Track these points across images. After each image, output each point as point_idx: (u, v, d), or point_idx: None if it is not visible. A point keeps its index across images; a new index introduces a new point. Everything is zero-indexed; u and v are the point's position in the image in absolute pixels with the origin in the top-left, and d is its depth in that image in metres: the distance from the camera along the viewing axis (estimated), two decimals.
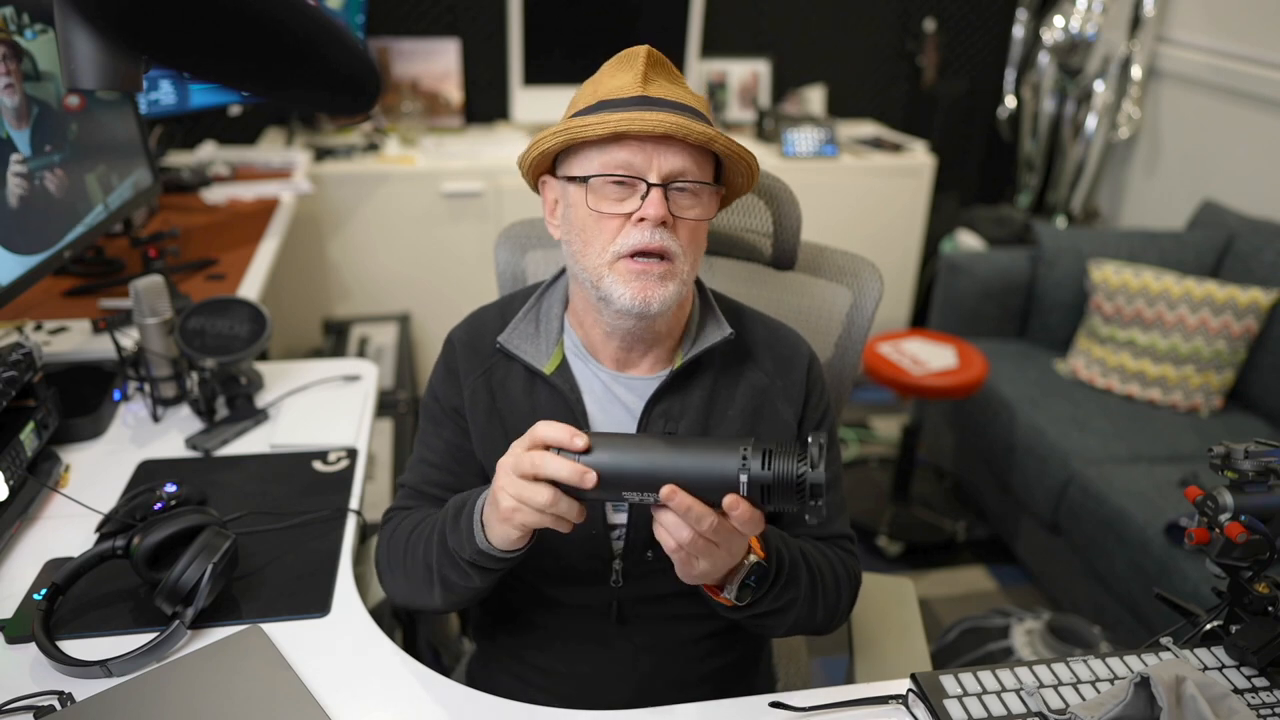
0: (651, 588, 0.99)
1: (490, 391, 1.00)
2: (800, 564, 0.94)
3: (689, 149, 0.89)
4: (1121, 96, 3.14)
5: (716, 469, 0.75)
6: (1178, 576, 1.85)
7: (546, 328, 1.01)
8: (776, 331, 1.07)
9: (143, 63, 1.03)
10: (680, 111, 0.89)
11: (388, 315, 2.87)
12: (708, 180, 0.92)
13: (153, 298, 1.31)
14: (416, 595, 0.97)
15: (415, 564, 0.94)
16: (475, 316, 1.07)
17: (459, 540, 0.87)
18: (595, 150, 0.90)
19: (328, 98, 0.95)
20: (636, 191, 0.89)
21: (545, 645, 1.05)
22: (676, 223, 0.90)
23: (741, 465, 0.74)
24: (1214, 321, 2.35)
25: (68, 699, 0.86)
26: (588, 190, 0.90)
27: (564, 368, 0.99)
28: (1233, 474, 0.93)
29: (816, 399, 1.05)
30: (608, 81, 0.92)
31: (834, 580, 0.99)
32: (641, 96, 0.89)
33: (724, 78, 3.27)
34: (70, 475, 1.22)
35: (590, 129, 0.87)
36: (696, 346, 1.00)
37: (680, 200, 0.90)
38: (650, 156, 0.88)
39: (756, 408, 1.01)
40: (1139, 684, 0.80)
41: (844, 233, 3.04)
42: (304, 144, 2.87)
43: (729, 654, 1.07)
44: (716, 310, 1.03)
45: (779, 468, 0.74)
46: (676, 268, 0.91)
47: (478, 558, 0.86)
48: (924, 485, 2.78)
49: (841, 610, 1.01)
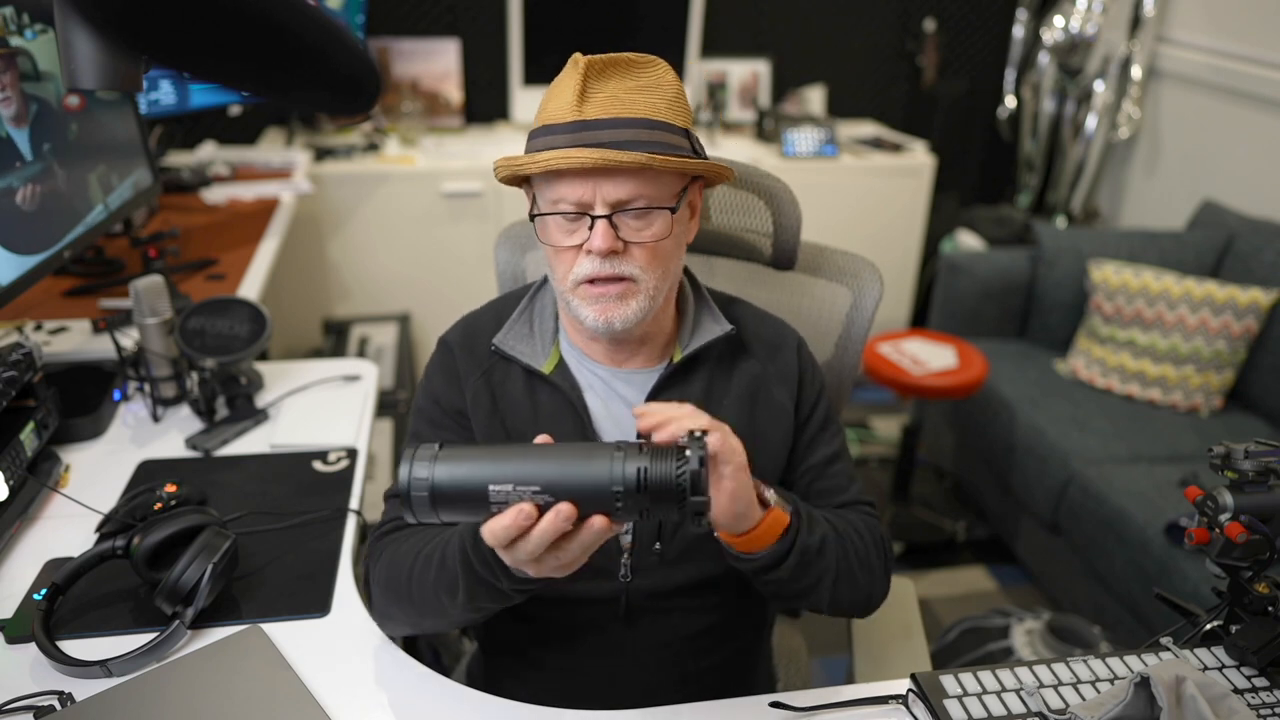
0: (659, 582, 1.00)
1: (490, 393, 1.00)
2: (817, 519, 0.93)
3: (633, 171, 0.87)
4: (1121, 96, 3.14)
5: (589, 473, 0.70)
6: (1178, 576, 1.85)
7: (541, 328, 1.02)
8: (764, 320, 1.09)
9: (143, 63, 1.03)
10: (621, 129, 0.86)
11: (388, 315, 2.87)
12: (661, 198, 0.90)
13: (153, 298, 1.31)
14: (422, 622, 0.93)
15: (424, 591, 0.88)
16: (467, 320, 1.07)
17: (493, 573, 0.81)
18: (542, 181, 0.90)
19: (328, 98, 0.95)
20: (585, 223, 0.89)
21: (552, 641, 1.05)
22: (630, 247, 0.89)
23: (612, 468, 0.69)
24: (1214, 321, 2.35)
25: (68, 699, 0.86)
26: (539, 224, 0.91)
27: (562, 367, 1.00)
28: (1233, 474, 0.93)
29: (810, 379, 1.06)
30: (552, 100, 0.90)
31: (859, 539, 0.97)
32: (577, 123, 0.86)
33: (724, 78, 3.27)
34: (70, 475, 1.22)
35: (525, 166, 0.87)
36: (695, 341, 1.00)
37: (631, 224, 0.89)
38: (593, 187, 0.87)
39: (752, 394, 1.02)
40: (1139, 684, 0.80)
41: (844, 233, 3.03)
42: (304, 144, 2.87)
43: (730, 645, 1.07)
44: (713, 306, 1.04)
45: (656, 470, 0.69)
46: (638, 286, 0.91)
47: (520, 584, 0.81)
48: (924, 485, 2.78)
49: (877, 570, 0.98)
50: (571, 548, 0.72)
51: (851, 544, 0.96)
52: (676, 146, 0.89)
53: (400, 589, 0.90)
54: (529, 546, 0.71)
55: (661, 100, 0.89)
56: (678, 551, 0.99)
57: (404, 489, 0.70)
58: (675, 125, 0.90)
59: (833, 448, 1.06)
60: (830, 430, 1.07)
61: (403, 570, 0.90)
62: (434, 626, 0.94)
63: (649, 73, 0.90)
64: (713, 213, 1.23)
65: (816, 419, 1.05)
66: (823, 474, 1.04)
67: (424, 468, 0.70)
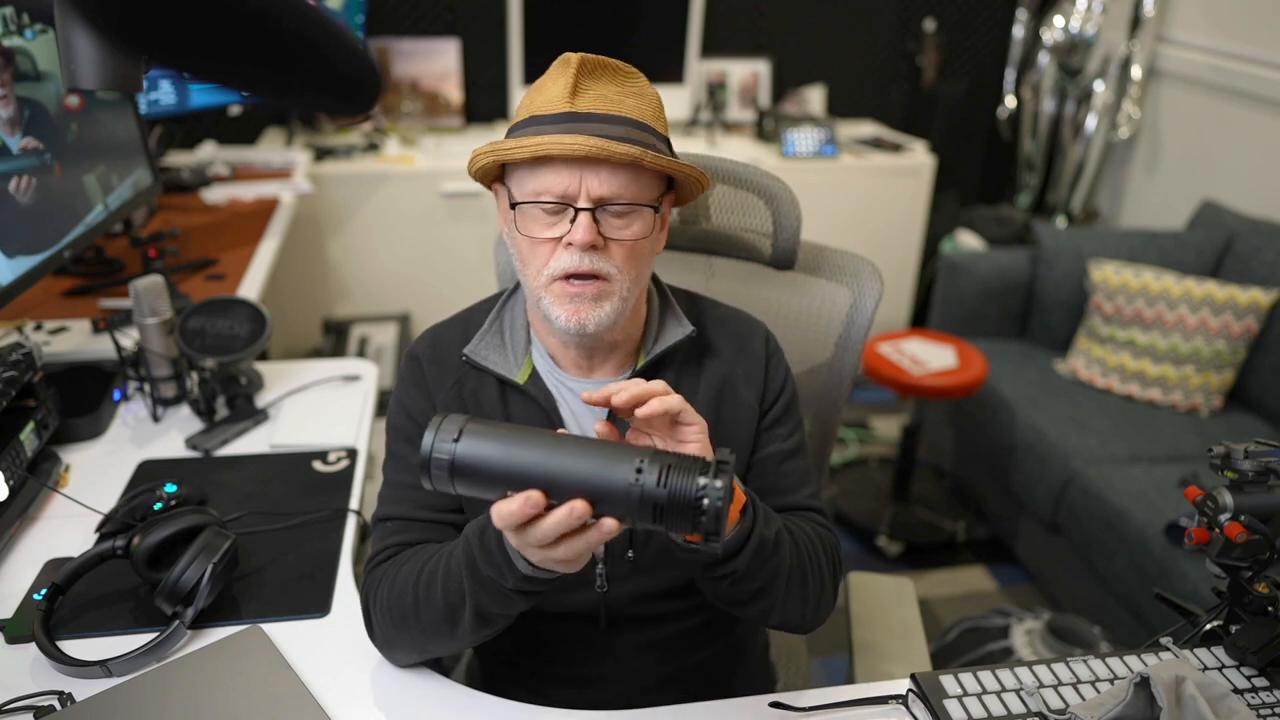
0: (636, 589, 0.99)
1: (462, 403, 0.98)
2: (773, 514, 0.90)
3: (620, 167, 0.86)
4: (1121, 96, 3.14)
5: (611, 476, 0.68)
6: (1178, 576, 1.85)
7: (513, 338, 1.00)
8: (730, 317, 1.06)
9: (143, 63, 1.02)
10: (612, 125, 0.86)
11: (387, 315, 2.87)
12: (644, 198, 0.89)
13: (153, 298, 1.31)
14: (429, 645, 0.90)
15: (431, 608, 0.85)
16: (435, 332, 1.04)
17: (497, 570, 0.79)
18: (526, 170, 0.88)
19: (328, 98, 0.95)
20: (567, 215, 0.87)
21: (538, 651, 1.04)
22: (609, 244, 0.88)
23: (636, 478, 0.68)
24: (1214, 321, 2.35)
25: (68, 699, 0.86)
26: (517, 214, 0.89)
27: (535, 377, 0.98)
28: (1233, 474, 0.93)
29: (774, 371, 1.04)
30: (541, 93, 0.90)
31: (811, 547, 0.94)
32: (568, 113, 0.86)
33: (724, 78, 3.27)
34: (70, 475, 1.22)
35: (512, 152, 0.86)
36: (658, 346, 0.99)
37: (613, 221, 0.88)
38: (579, 178, 0.86)
39: (719, 395, 1.00)
40: (1139, 684, 0.80)
41: (844, 233, 3.04)
42: (304, 144, 2.87)
43: (716, 644, 1.07)
44: (676, 308, 1.02)
45: (676, 483, 0.67)
46: (613, 287, 0.89)
47: (523, 584, 0.79)
48: (924, 485, 2.78)
49: (827, 584, 0.95)
50: (577, 544, 0.71)
51: (806, 550, 0.93)
52: (661, 152, 0.89)
53: (406, 611, 0.87)
54: (539, 533, 0.70)
55: (648, 107, 0.90)
56: (651, 559, 0.98)
57: (425, 457, 0.71)
58: (660, 132, 0.91)
59: (789, 444, 1.02)
60: (788, 425, 1.04)
61: (407, 592, 0.87)
62: (440, 649, 0.91)
63: (634, 82, 0.91)
64: (713, 213, 1.23)
65: (775, 412, 1.03)
66: (774, 469, 1.01)
67: (448, 438, 0.70)
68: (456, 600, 0.83)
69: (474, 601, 0.82)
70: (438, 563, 0.86)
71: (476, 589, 0.81)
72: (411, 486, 0.96)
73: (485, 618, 0.83)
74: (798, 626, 0.96)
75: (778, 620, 0.93)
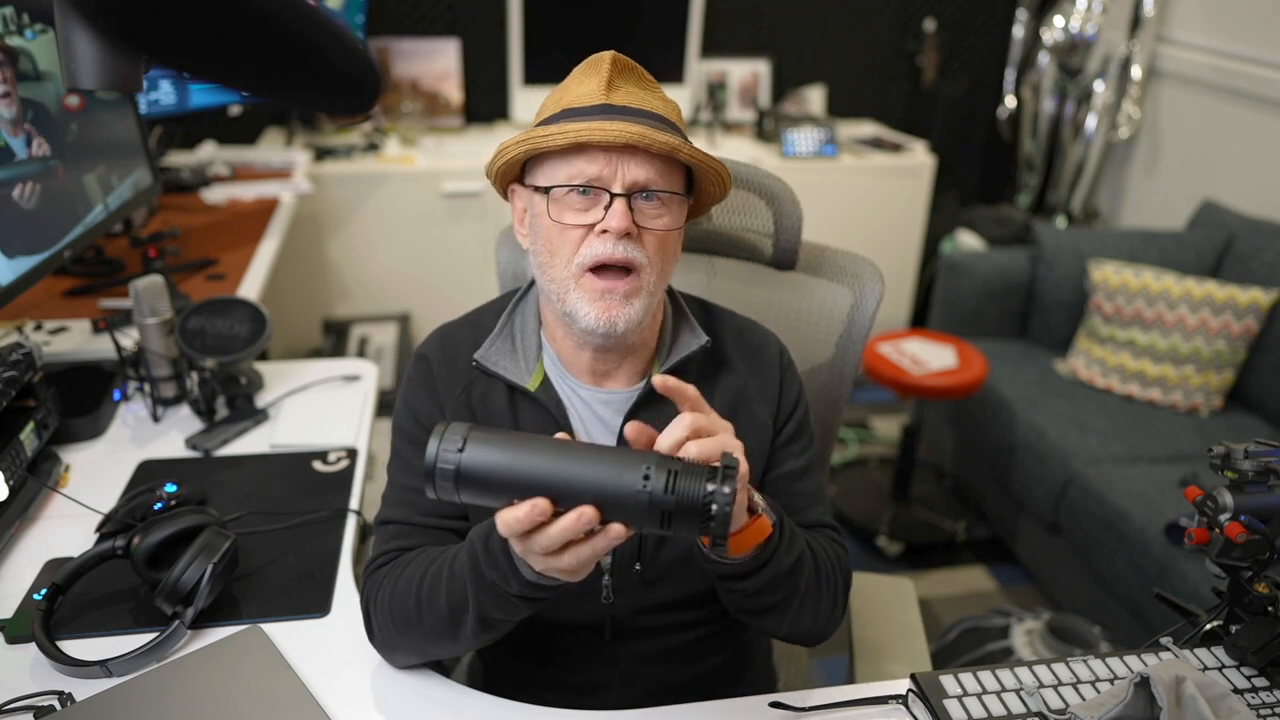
0: (642, 600, 0.98)
1: (470, 409, 0.97)
2: (798, 534, 0.90)
3: (655, 158, 0.87)
4: (1121, 96, 3.14)
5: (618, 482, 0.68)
6: (1178, 576, 1.85)
7: (524, 344, 0.99)
8: (746, 329, 1.06)
9: (143, 63, 1.02)
10: (646, 119, 0.87)
11: (388, 315, 2.87)
12: (676, 189, 0.90)
13: (153, 298, 1.31)
14: (430, 649, 0.90)
15: (434, 612, 0.85)
16: (444, 333, 1.03)
17: (501, 575, 0.78)
18: (559, 160, 0.88)
19: (328, 98, 0.95)
20: (600, 202, 0.87)
21: (543, 661, 1.03)
22: (642, 233, 0.88)
23: (643, 484, 0.67)
24: (1214, 321, 2.35)
25: (68, 699, 0.86)
26: (550, 200, 0.88)
27: (547, 384, 0.97)
28: (1233, 474, 0.93)
29: (788, 388, 1.03)
30: (573, 89, 0.90)
31: (830, 569, 0.95)
32: (604, 105, 0.87)
33: (724, 78, 3.27)
34: (70, 475, 1.22)
35: (550, 139, 0.85)
36: (673, 357, 0.98)
37: (646, 210, 0.88)
38: (614, 166, 0.86)
39: (733, 410, 0.98)
40: (1139, 684, 0.80)
41: (844, 233, 3.04)
42: (304, 144, 2.87)
43: (723, 653, 1.07)
44: (690, 318, 1.01)
45: (683, 488, 0.67)
46: (642, 281, 0.89)
47: (527, 590, 0.79)
48: (924, 485, 2.78)
49: (840, 604, 0.97)
50: (583, 551, 0.71)
51: (825, 569, 0.93)
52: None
53: (409, 614, 0.87)
54: (545, 540, 0.69)
55: (673, 111, 0.92)
56: (658, 571, 0.97)
57: (430, 465, 0.70)
58: (684, 134, 0.92)
59: (801, 462, 1.02)
60: (801, 443, 1.03)
61: (409, 594, 0.87)
62: (442, 652, 0.91)
63: (657, 87, 0.94)
64: (714, 213, 1.23)
65: (789, 430, 1.02)
66: (786, 489, 1.01)
67: (453, 447, 0.69)
68: (459, 604, 0.83)
69: (477, 606, 0.82)
70: (441, 566, 0.85)
71: (480, 593, 0.81)
72: (414, 490, 0.96)
73: (488, 622, 0.83)
74: (807, 639, 0.96)
75: (787, 633, 0.94)
